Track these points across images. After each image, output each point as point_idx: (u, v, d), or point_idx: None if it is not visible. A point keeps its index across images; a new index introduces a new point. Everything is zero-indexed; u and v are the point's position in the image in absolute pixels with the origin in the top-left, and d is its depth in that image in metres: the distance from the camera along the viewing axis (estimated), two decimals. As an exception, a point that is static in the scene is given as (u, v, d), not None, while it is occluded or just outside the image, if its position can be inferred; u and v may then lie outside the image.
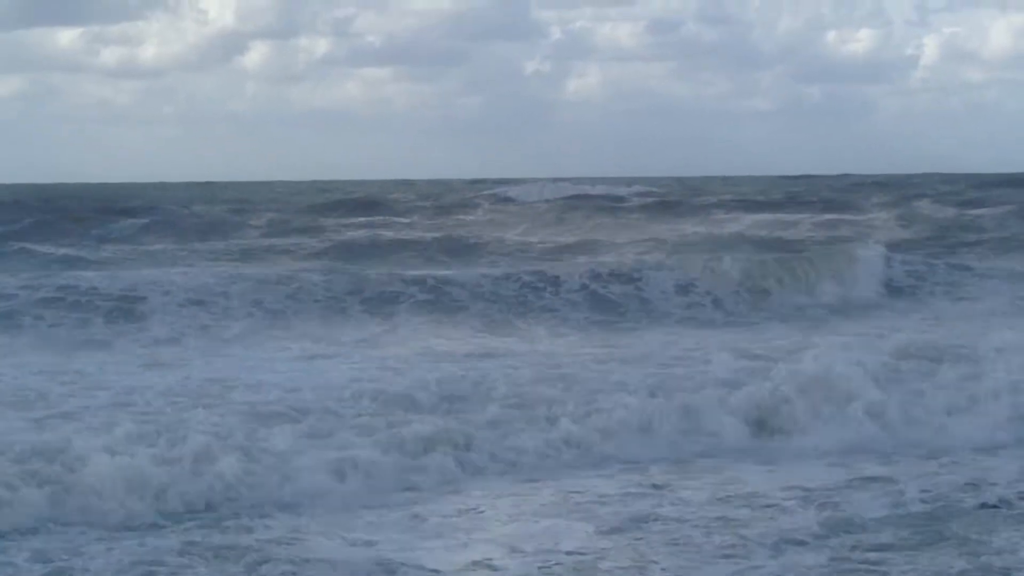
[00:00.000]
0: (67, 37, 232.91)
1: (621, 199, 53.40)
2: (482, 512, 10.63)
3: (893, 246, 30.54)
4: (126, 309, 21.30)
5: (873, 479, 11.54)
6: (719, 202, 51.26)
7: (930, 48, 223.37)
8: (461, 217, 46.84)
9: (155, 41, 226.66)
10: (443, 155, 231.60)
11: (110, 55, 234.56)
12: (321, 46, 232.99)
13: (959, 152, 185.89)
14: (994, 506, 10.48)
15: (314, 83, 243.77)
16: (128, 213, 44.14)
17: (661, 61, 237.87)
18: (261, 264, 28.27)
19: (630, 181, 77.49)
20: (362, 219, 44.15)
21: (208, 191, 75.25)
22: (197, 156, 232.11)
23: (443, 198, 59.55)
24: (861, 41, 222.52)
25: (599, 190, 59.63)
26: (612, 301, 23.60)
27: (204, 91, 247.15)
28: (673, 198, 53.59)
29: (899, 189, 63.48)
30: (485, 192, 63.46)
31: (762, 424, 13.39)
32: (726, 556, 9.31)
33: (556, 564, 9.10)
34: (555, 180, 72.40)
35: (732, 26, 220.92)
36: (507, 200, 57.55)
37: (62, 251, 31.46)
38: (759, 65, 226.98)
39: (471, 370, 16.04)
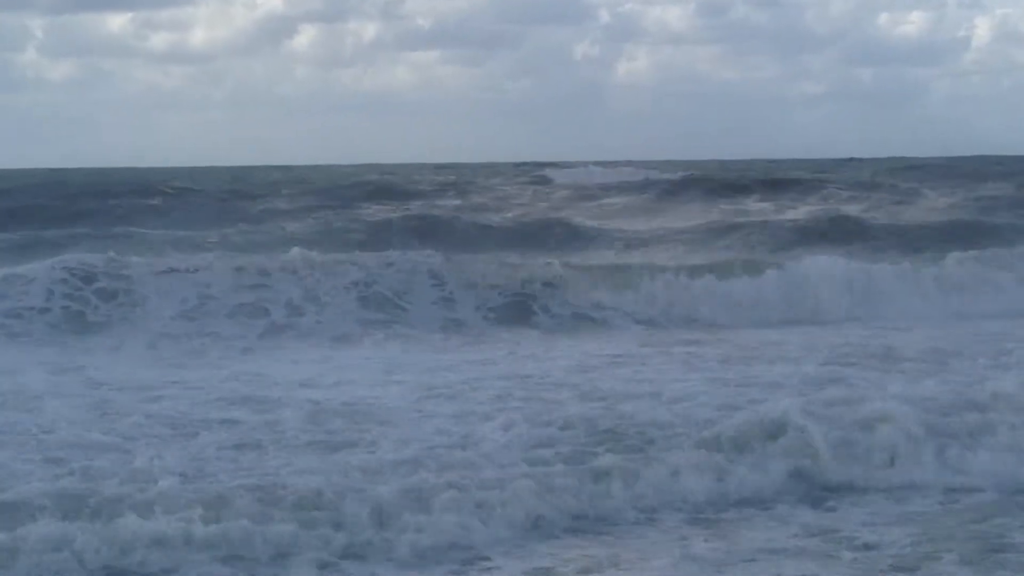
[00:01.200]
0: (116, 22, 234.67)
1: (655, 183, 52.68)
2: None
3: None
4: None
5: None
6: (764, 184, 50.51)
7: (982, 29, 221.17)
8: (473, 200, 46.50)
9: (204, 25, 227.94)
10: (492, 139, 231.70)
11: (159, 40, 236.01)
12: (370, 30, 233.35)
13: (1011, 134, 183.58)
14: None
15: (363, 67, 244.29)
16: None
17: (711, 44, 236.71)
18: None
19: (678, 165, 76.82)
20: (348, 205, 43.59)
21: (257, 175, 75.06)
22: (246, 140, 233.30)
23: (478, 181, 59.20)
24: (913, 23, 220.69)
25: (639, 175, 58.83)
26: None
27: (253, 75, 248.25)
28: (710, 183, 52.63)
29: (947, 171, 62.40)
30: (523, 176, 63.16)
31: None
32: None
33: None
34: (597, 163, 71.99)
35: (782, 8, 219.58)
36: (545, 183, 57.28)
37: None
38: (809, 48, 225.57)
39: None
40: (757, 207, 42.21)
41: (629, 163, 79.21)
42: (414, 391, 14.89)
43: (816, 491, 10.75)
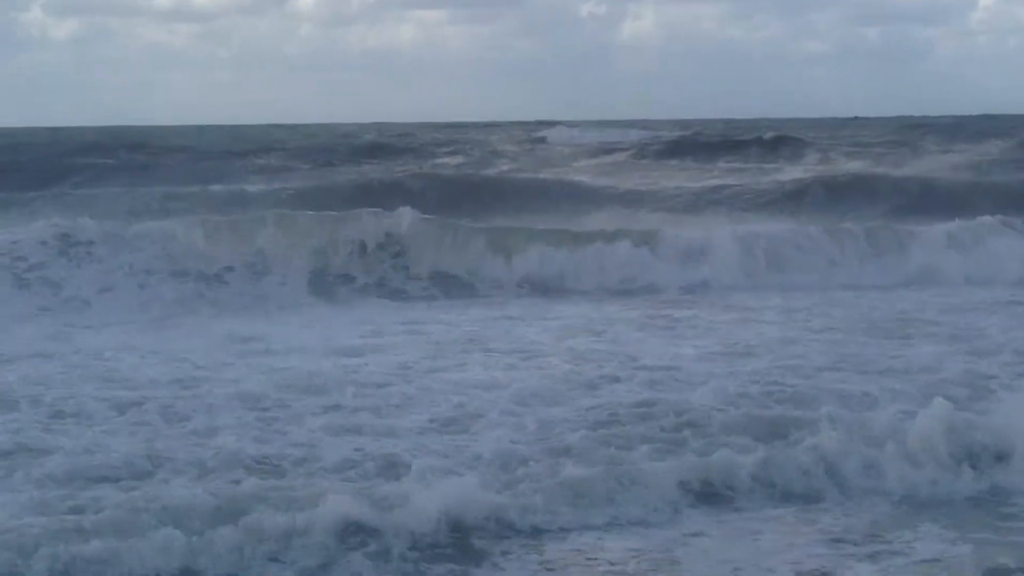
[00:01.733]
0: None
1: (644, 144, 51.74)
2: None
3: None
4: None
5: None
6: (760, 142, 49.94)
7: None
8: (463, 159, 46.13)
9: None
10: (498, 97, 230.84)
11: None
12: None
13: (1017, 93, 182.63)
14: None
15: (368, 25, 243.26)
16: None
17: (716, 3, 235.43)
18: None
19: (682, 125, 76.39)
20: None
21: (262, 133, 74.60)
22: (250, 99, 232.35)
23: (478, 139, 58.87)
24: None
25: (632, 136, 57.97)
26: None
27: (258, 34, 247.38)
28: (709, 141, 52.13)
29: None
30: (521, 135, 62.83)
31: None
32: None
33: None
34: (603, 122, 71.57)
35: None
36: (539, 142, 56.94)
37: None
38: (814, 6, 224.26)
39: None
40: (752, 167, 41.35)
41: (634, 122, 78.81)
42: (420, 356, 14.61)
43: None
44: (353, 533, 8.49)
